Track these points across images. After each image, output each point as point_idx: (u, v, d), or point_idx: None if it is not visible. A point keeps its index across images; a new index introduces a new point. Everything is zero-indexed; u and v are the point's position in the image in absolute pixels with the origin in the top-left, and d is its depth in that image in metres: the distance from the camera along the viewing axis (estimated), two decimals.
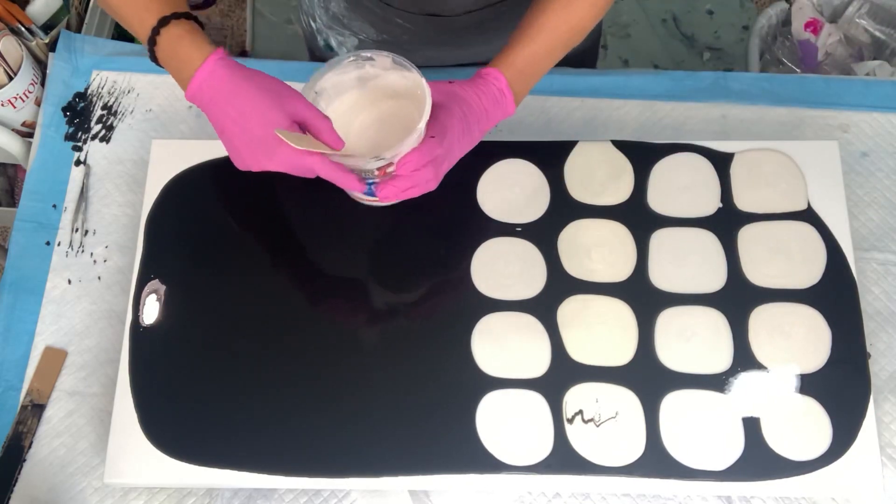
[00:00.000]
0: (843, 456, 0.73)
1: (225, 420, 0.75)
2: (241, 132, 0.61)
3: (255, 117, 0.60)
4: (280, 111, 0.61)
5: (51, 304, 0.84)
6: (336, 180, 0.63)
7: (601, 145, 0.85)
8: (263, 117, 0.60)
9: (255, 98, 0.61)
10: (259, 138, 0.60)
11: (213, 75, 0.61)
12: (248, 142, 0.61)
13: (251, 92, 0.61)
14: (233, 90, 0.61)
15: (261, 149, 0.60)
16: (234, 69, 0.62)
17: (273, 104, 0.61)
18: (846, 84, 0.93)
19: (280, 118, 0.60)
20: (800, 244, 0.80)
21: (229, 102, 0.61)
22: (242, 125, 0.60)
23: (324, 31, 0.92)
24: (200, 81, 0.61)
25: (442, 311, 0.79)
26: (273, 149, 0.60)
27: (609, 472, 0.73)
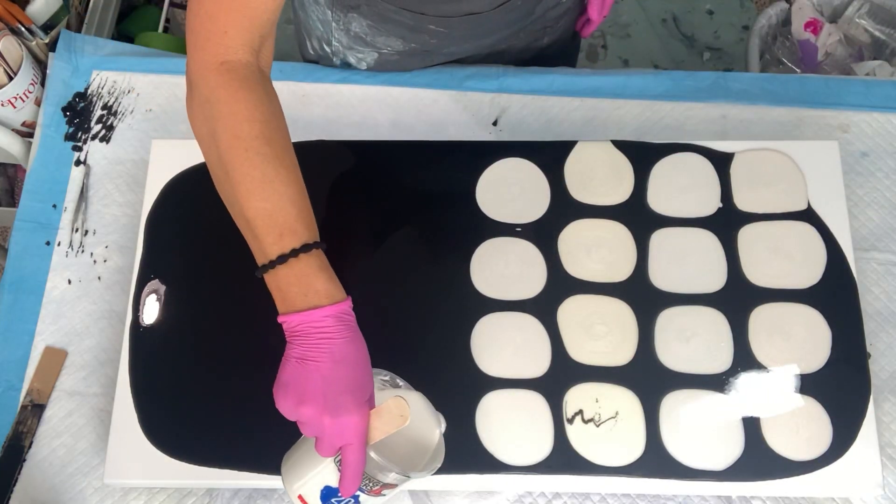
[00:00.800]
0: (843, 456, 0.73)
1: (225, 420, 0.75)
2: (331, 375, 0.58)
3: (354, 373, 0.59)
4: (370, 385, 0.60)
5: (51, 304, 0.84)
6: (352, 473, 0.59)
7: (601, 145, 0.85)
8: (359, 377, 0.59)
9: (362, 359, 0.60)
10: (343, 390, 0.58)
11: (343, 317, 0.59)
12: (331, 388, 0.57)
13: (362, 351, 0.60)
14: (352, 339, 0.59)
15: (337, 401, 0.57)
16: (356, 325, 0.61)
17: (369, 374, 0.60)
18: (846, 84, 0.93)
19: (368, 390, 0.59)
20: (800, 244, 0.80)
21: (343, 346, 0.58)
22: (340, 371, 0.58)
23: (342, 51, 0.91)
24: (329, 315, 0.58)
25: (441, 311, 0.79)
26: (352, 408, 0.57)
27: (609, 472, 0.73)
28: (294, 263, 0.59)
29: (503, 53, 0.95)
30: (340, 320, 0.59)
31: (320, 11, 0.86)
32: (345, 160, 0.86)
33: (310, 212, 0.61)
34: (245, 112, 0.60)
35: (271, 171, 0.59)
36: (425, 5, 0.80)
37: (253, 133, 0.59)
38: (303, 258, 0.59)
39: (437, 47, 0.89)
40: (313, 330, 0.58)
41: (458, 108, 0.93)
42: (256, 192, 0.59)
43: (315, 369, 0.58)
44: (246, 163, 0.59)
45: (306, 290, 0.59)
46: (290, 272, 0.59)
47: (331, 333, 0.58)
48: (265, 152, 0.60)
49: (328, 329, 0.58)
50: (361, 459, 0.59)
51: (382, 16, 0.82)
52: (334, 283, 0.60)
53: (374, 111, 0.93)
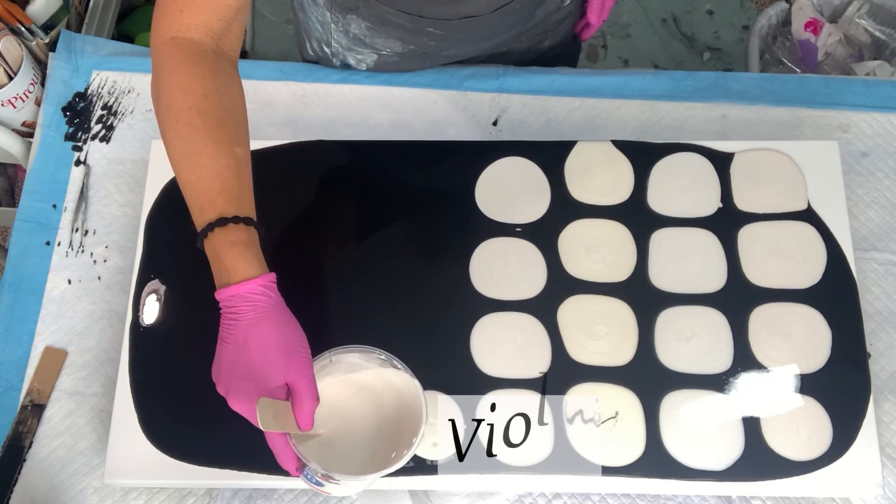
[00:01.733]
0: (843, 456, 0.73)
1: (225, 420, 0.74)
2: (234, 359, 0.59)
3: (255, 358, 0.58)
4: (283, 368, 0.59)
5: (51, 304, 0.84)
6: (277, 458, 0.60)
7: (601, 145, 0.85)
8: (264, 366, 0.58)
9: (271, 342, 0.59)
10: (242, 376, 0.58)
11: (249, 296, 0.59)
12: (232, 372, 0.58)
13: (271, 334, 0.59)
14: (258, 320, 0.59)
15: (238, 387, 0.58)
16: (272, 303, 0.60)
17: (282, 358, 0.59)
18: (846, 84, 0.93)
19: (277, 376, 0.59)
20: (800, 244, 0.80)
21: (246, 329, 0.58)
22: (241, 357, 0.58)
23: (341, 52, 0.91)
24: (234, 294, 0.59)
25: (441, 312, 0.79)
26: (245, 396, 0.57)
27: (609, 472, 0.73)
28: (211, 238, 0.60)
29: (503, 56, 0.95)
30: (248, 300, 0.59)
31: (319, 13, 0.86)
32: (345, 160, 0.86)
33: (240, 187, 0.61)
34: (182, 84, 0.61)
35: (198, 143, 0.60)
36: (423, 8, 0.80)
37: (186, 104, 0.60)
38: (217, 232, 0.59)
39: (436, 49, 0.89)
40: (226, 309, 0.59)
41: (457, 108, 0.93)
42: (183, 164, 0.61)
43: (223, 351, 0.59)
44: (175, 134, 0.61)
45: (219, 267, 0.60)
46: (209, 247, 0.60)
47: (238, 314, 0.59)
48: (195, 124, 0.60)
49: (238, 309, 0.59)
50: (277, 446, 0.60)
51: (381, 18, 0.82)
52: (246, 259, 0.59)
53: (374, 111, 0.93)
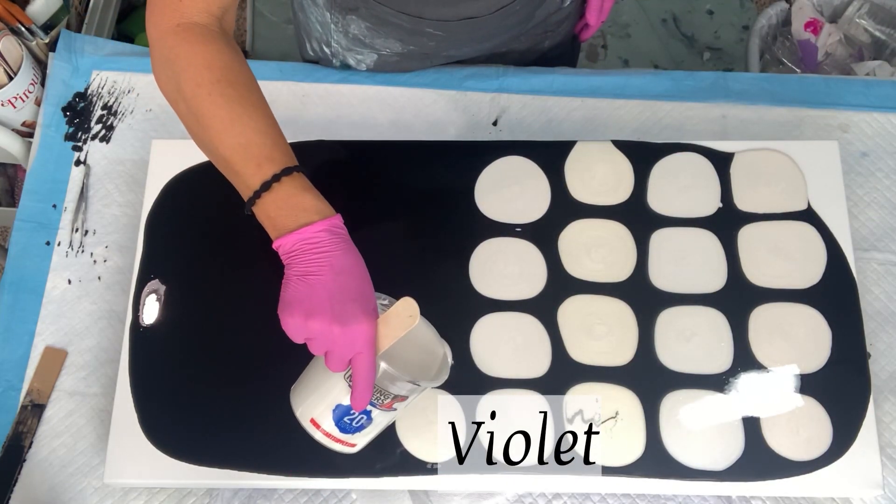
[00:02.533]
0: (843, 456, 0.73)
1: (225, 420, 0.75)
2: (334, 286, 0.58)
3: (356, 282, 0.59)
4: (372, 294, 0.61)
5: (51, 304, 0.84)
6: (364, 383, 0.60)
7: (601, 145, 0.85)
8: (362, 286, 0.60)
9: (363, 269, 0.61)
10: (350, 299, 0.58)
11: (336, 230, 0.60)
12: (335, 298, 0.58)
13: (360, 262, 0.61)
14: (348, 250, 0.60)
15: (345, 310, 0.58)
16: (349, 238, 0.62)
17: (370, 284, 0.61)
18: (846, 84, 0.93)
19: (372, 299, 0.60)
20: (800, 244, 0.80)
21: (342, 257, 0.59)
22: (342, 282, 0.59)
23: (341, 53, 0.92)
24: (323, 229, 0.59)
25: (441, 312, 0.79)
26: (358, 316, 0.58)
27: (609, 472, 0.73)
28: (278, 188, 0.60)
29: (503, 56, 0.95)
30: (334, 234, 0.60)
31: (319, 13, 0.86)
32: (345, 160, 0.86)
33: (284, 141, 0.63)
34: (204, 61, 0.62)
35: (238, 108, 0.61)
36: (423, 9, 0.80)
37: (214, 78, 0.62)
38: (285, 181, 0.60)
39: (435, 50, 0.89)
40: (309, 246, 0.59)
41: (457, 108, 0.93)
42: (228, 131, 0.61)
43: (318, 282, 0.58)
44: (212, 106, 0.61)
45: (295, 210, 0.60)
46: (276, 197, 0.60)
47: (327, 247, 0.59)
48: (229, 93, 0.62)
49: (324, 243, 0.59)
50: (372, 368, 0.60)
51: (380, 18, 0.82)
52: (322, 200, 0.61)
53: (374, 111, 0.93)
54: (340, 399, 0.63)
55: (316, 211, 0.60)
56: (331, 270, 0.59)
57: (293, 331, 0.59)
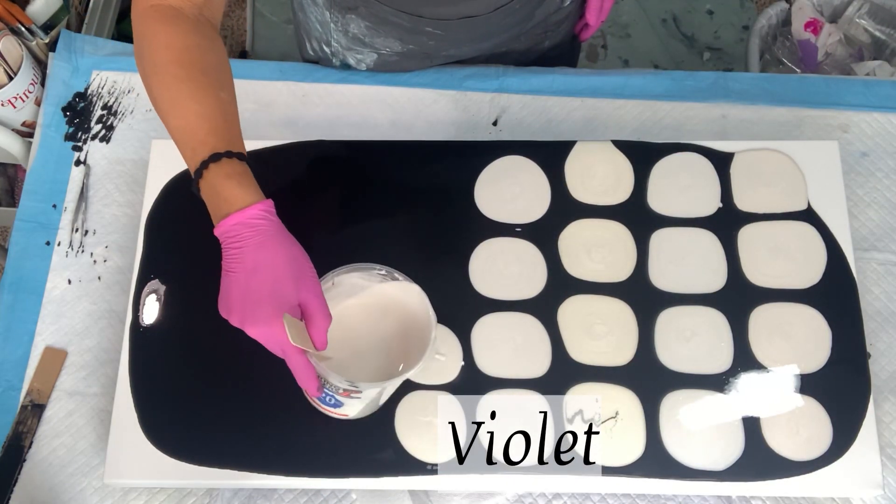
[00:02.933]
0: (843, 456, 0.73)
1: (225, 420, 0.75)
2: (246, 285, 0.59)
3: (268, 282, 0.59)
4: (294, 288, 0.60)
5: (51, 304, 0.84)
6: (299, 378, 0.61)
7: (601, 145, 0.85)
8: (276, 286, 0.59)
9: (279, 264, 0.60)
10: (258, 300, 0.59)
11: (252, 222, 0.60)
12: (246, 298, 0.59)
13: (279, 258, 0.60)
14: (264, 244, 0.60)
15: (254, 311, 0.58)
16: (275, 227, 0.61)
17: (292, 279, 0.60)
18: (846, 84, 0.93)
19: (291, 295, 0.60)
20: (800, 244, 0.80)
21: (254, 253, 0.59)
22: (253, 281, 0.59)
23: (341, 52, 0.92)
24: (237, 222, 0.59)
25: (441, 311, 0.79)
26: (263, 318, 0.58)
27: (609, 472, 0.73)
28: (207, 175, 0.61)
29: (503, 56, 0.95)
30: (250, 226, 0.60)
31: (318, 13, 0.87)
32: (345, 160, 0.86)
33: (228, 126, 0.63)
34: (164, 41, 0.63)
35: (184, 90, 0.62)
36: (422, 8, 0.80)
37: (168, 59, 0.63)
38: (212, 168, 0.61)
39: (435, 49, 0.89)
40: (229, 240, 0.60)
41: (457, 108, 0.93)
42: (171, 112, 0.63)
43: (233, 280, 0.60)
44: (162, 85, 0.63)
45: (217, 200, 0.61)
46: (205, 185, 0.61)
47: (242, 241, 0.60)
48: (178, 74, 0.62)
49: (241, 236, 0.60)
50: (300, 365, 0.61)
51: (380, 17, 0.82)
52: (243, 187, 0.61)
53: (374, 111, 0.93)
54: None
55: (233, 201, 0.60)
56: (242, 268, 0.60)
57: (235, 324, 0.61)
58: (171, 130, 0.63)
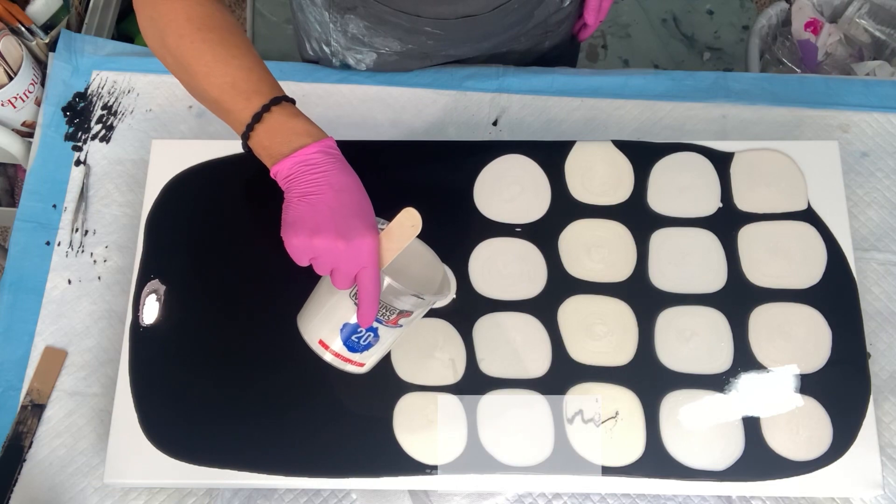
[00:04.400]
0: (843, 456, 0.73)
1: (225, 420, 0.75)
2: (336, 203, 0.60)
3: (356, 200, 0.61)
4: (371, 209, 0.62)
5: (51, 304, 0.84)
6: (370, 298, 0.61)
7: (601, 145, 0.85)
8: (363, 204, 0.62)
9: (360, 186, 0.63)
10: (352, 214, 0.60)
11: (331, 151, 0.62)
12: (338, 214, 0.60)
13: (357, 180, 0.63)
14: (346, 168, 0.62)
15: (348, 224, 0.59)
16: (344, 158, 0.63)
17: (369, 200, 0.63)
18: (846, 84, 0.93)
19: (372, 214, 0.62)
20: (800, 244, 0.80)
21: (340, 175, 0.61)
22: (343, 198, 0.60)
23: (340, 52, 0.92)
24: (317, 150, 0.61)
25: (441, 311, 0.79)
26: (360, 230, 0.60)
27: (609, 472, 0.73)
28: (269, 118, 0.62)
29: (503, 57, 0.95)
30: (329, 154, 0.61)
31: (318, 13, 0.87)
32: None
33: (270, 75, 0.65)
34: (184, 14, 0.65)
35: (221, 50, 0.64)
36: (420, 7, 0.80)
37: (195, 27, 0.64)
38: (275, 110, 0.62)
39: (434, 49, 0.89)
40: (307, 168, 0.61)
41: (458, 108, 0.93)
42: (213, 73, 0.64)
43: (319, 201, 0.60)
44: (196, 52, 0.64)
45: (288, 135, 0.62)
46: (268, 126, 0.62)
47: (324, 166, 0.61)
48: (210, 38, 0.64)
49: (321, 163, 0.61)
50: (377, 282, 0.61)
51: (378, 17, 0.83)
52: (313, 124, 0.63)
53: (374, 111, 0.93)
54: (347, 318, 0.64)
55: (308, 134, 0.62)
56: (330, 188, 0.60)
57: (298, 251, 0.61)
58: (215, 91, 0.64)
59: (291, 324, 0.78)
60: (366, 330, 0.65)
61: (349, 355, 0.66)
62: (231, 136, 0.91)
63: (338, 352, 0.66)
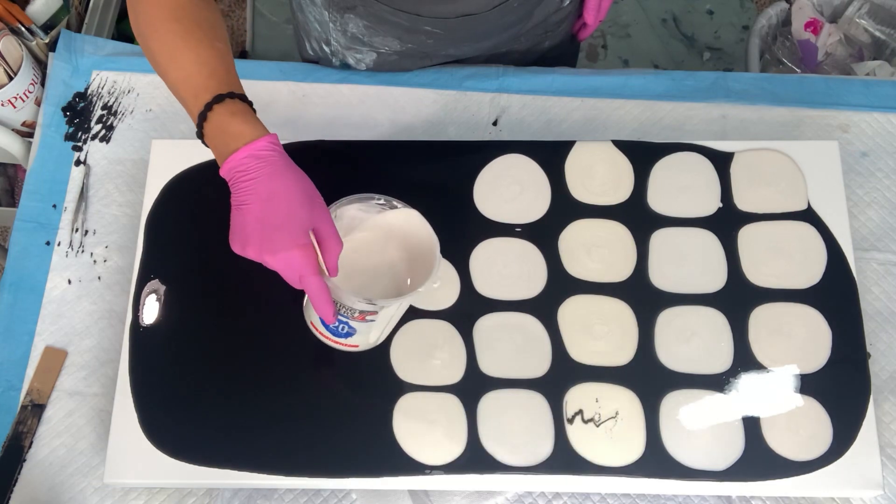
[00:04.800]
0: (843, 456, 0.73)
1: (225, 420, 0.75)
2: (262, 215, 0.60)
3: (283, 208, 0.60)
4: (308, 215, 0.61)
5: (51, 304, 0.84)
6: (317, 303, 0.62)
7: (601, 145, 0.85)
8: (292, 213, 0.61)
9: (293, 191, 0.61)
10: (276, 226, 0.60)
11: (261, 154, 0.61)
12: (264, 226, 0.60)
13: (291, 184, 0.61)
14: (275, 173, 0.61)
15: (273, 238, 0.60)
16: (284, 158, 0.62)
17: (305, 205, 0.61)
18: (846, 84, 0.93)
19: (306, 221, 0.61)
20: (800, 244, 0.80)
21: (267, 183, 0.60)
22: (269, 209, 0.60)
23: (340, 52, 0.92)
24: (247, 155, 0.61)
25: (441, 311, 0.79)
26: (284, 244, 0.60)
27: (609, 472, 0.73)
28: (212, 117, 0.63)
29: (503, 56, 0.95)
30: (260, 158, 0.61)
31: (317, 12, 0.87)
32: (345, 160, 0.86)
33: (225, 70, 0.65)
34: (156, 1, 0.66)
35: (180, 43, 0.65)
36: (420, 6, 0.80)
37: (163, 16, 0.65)
38: (217, 109, 0.62)
39: (434, 48, 0.89)
40: (239, 174, 0.61)
41: (458, 108, 0.93)
42: (171, 65, 0.65)
43: (247, 212, 0.61)
44: (159, 42, 0.65)
45: (224, 138, 0.62)
46: (211, 126, 0.63)
47: (253, 173, 0.61)
48: (174, 29, 0.65)
49: (250, 169, 0.61)
50: (319, 287, 0.62)
51: (378, 17, 0.83)
52: (249, 124, 0.63)
53: (373, 111, 0.93)
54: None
55: (240, 136, 0.62)
56: (257, 198, 0.61)
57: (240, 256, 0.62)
58: (172, 84, 0.65)
59: (291, 324, 0.78)
60: (338, 321, 0.66)
61: (337, 339, 0.70)
62: None
63: (326, 335, 0.70)
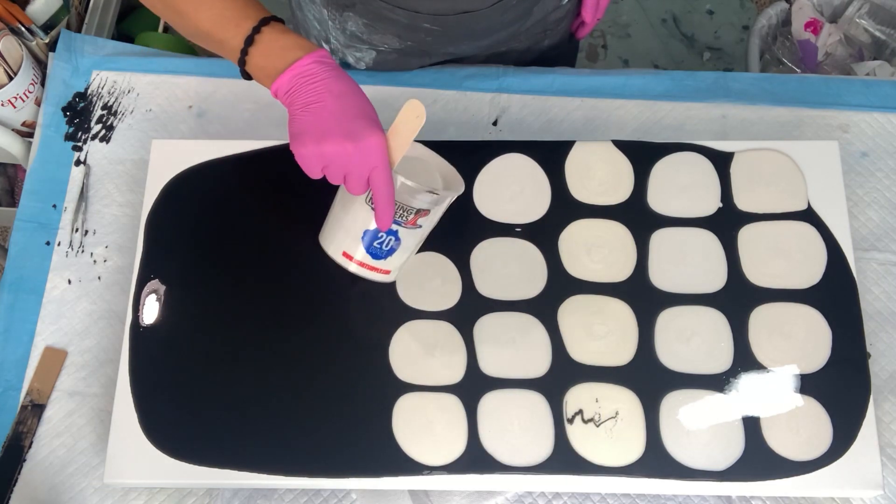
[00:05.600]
0: (843, 456, 0.73)
1: (225, 420, 0.75)
2: (336, 108, 0.62)
3: (358, 101, 0.63)
4: (373, 109, 0.64)
5: (51, 304, 0.84)
6: (383, 199, 0.63)
7: (601, 145, 0.85)
8: (365, 104, 0.63)
9: (360, 91, 0.64)
10: (354, 116, 0.61)
11: (326, 60, 0.63)
12: (340, 118, 0.61)
13: (356, 86, 0.64)
14: (341, 76, 0.63)
15: (351, 127, 0.61)
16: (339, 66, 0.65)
17: (371, 104, 0.64)
18: (846, 84, 0.93)
19: (374, 113, 0.63)
20: (800, 244, 0.80)
21: (337, 83, 0.62)
22: (345, 103, 0.62)
23: (340, 50, 0.92)
24: (313, 61, 0.62)
25: (441, 311, 0.79)
26: (366, 130, 0.61)
27: (609, 472, 0.73)
28: (260, 39, 0.64)
29: (503, 56, 0.95)
30: (325, 64, 0.63)
31: (316, 11, 0.87)
32: None
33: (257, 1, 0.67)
34: None
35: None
36: (419, 3, 0.81)
37: None
38: (265, 31, 0.64)
39: (434, 46, 0.89)
40: (304, 79, 0.62)
41: (457, 108, 0.93)
42: (199, 8, 0.65)
43: (322, 108, 0.62)
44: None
45: (282, 51, 0.63)
46: (261, 47, 0.64)
47: (321, 75, 0.62)
48: None
49: (317, 73, 0.62)
50: (390, 182, 0.63)
51: (377, 14, 0.83)
52: (304, 38, 0.65)
53: None
54: (366, 224, 0.66)
55: (301, 47, 0.63)
56: (330, 95, 0.62)
57: (308, 161, 0.62)
58: (206, 24, 0.65)
59: (291, 323, 0.78)
60: (386, 234, 0.66)
61: (374, 263, 0.68)
62: (231, 135, 0.91)
63: (362, 261, 0.68)
